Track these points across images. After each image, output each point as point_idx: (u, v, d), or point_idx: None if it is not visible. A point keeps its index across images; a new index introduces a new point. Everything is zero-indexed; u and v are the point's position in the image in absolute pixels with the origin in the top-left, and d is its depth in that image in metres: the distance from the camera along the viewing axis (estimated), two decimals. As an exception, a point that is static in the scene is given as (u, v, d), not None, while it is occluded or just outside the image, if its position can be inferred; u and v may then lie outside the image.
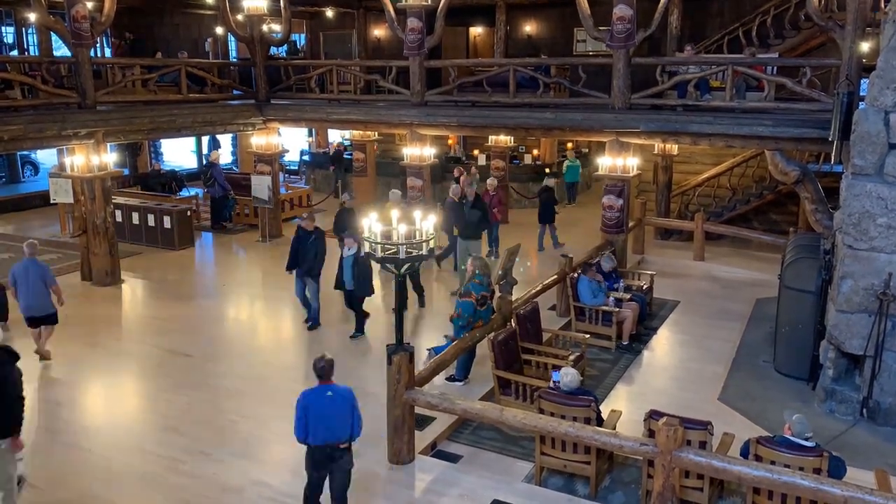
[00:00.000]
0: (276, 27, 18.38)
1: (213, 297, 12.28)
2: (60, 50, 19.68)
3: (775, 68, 11.95)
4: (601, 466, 6.59)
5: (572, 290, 10.33)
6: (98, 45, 15.78)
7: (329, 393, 5.67)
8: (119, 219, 14.89)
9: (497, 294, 9.06)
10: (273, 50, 17.38)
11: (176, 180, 19.65)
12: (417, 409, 6.98)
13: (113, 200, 13.19)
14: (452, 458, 7.15)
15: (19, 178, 23.01)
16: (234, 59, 22.36)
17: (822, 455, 5.67)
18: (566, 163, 19.91)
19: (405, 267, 6.34)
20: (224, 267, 14.54)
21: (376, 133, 18.03)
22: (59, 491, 6.55)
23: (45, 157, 24.30)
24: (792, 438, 5.80)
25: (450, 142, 20.31)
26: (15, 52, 21.01)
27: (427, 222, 6.35)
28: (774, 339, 9.29)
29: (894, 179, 7.26)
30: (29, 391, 8.51)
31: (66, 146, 12.36)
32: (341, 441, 5.69)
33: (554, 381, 6.92)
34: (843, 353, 7.84)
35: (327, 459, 5.69)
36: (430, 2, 13.38)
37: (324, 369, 5.72)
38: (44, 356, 9.26)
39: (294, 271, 10.48)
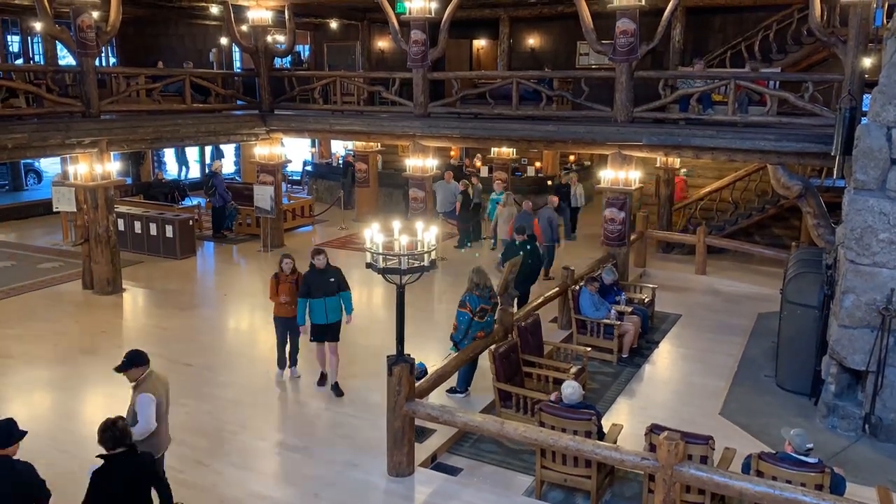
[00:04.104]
0: (281, 38, 18.48)
1: (215, 307, 12.27)
2: (65, 59, 19.81)
3: (777, 83, 11.98)
4: (602, 481, 6.55)
5: (574, 302, 10.31)
6: (103, 54, 15.83)
7: None
8: (121, 228, 14.93)
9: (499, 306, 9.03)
10: (277, 61, 17.47)
11: (178, 190, 19.71)
12: (418, 421, 6.95)
13: (115, 209, 13.23)
14: (452, 471, 7.11)
15: (22, 186, 23.07)
16: (239, 70, 22.48)
17: (824, 471, 5.64)
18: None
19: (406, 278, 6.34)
20: (225, 276, 14.54)
21: (379, 144, 18.09)
22: (55, 500, 6.51)
23: (48, 165, 24.38)
24: (794, 454, 5.77)
25: (452, 153, 20.35)
26: (20, 61, 21.11)
27: (428, 233, 6.36)
28: (776, 353, 9.27)
29: (896, 195, 7.26)
30: (30, 400, 8.54)
31: (70, 155, 12.39)
32: None
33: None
34: (845, 368, 7.80)
35: None
36: (433, 14, 13.46)
37: None
38: None
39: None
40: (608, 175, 12.37)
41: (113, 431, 4.79)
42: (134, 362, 5.70)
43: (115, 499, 4.74)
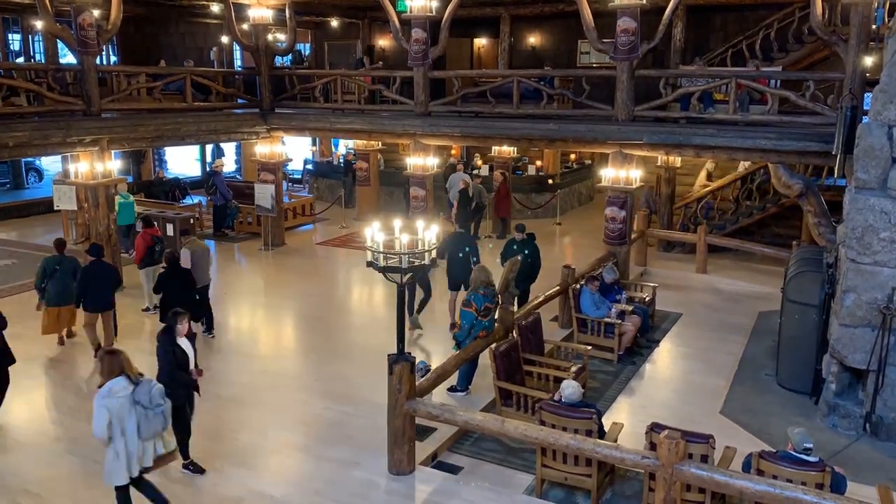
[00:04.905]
0: (281, 37, 18.50)
1: (215, 305, 12.22)
2: (66, 57, 19.80)
3: (779, 81, 11.96)
4: (602, 479, 6.56)
5: (574, 301, 10.31)
6: (103, 52, 15.81)
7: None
8: (122, 226, 14.92)
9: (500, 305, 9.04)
10: (278, 59, 17.46)
11: (179, 188, 19.72)
12: (418, 420, 6.95)
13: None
14: (453, 470, 7.11)
15: (23, 184, 23.09)
16: (239, 68, 22.48)
17: (825, 470, 5.64)
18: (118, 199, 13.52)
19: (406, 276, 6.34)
20: (226, 275, 14.51)
21: (380, 143, 18.08)
22: (58, 499, 6.54)
23: (49, 163, 24.39)
24: (794, 453, 5.77)
25: (453, 152, 20.35)
26: (21, 59, 21.12)
27: (429, 232, 6.36)
28: (777, 352, 9.26)
29: (898, 194, 7.25)
30: (31, 399, 8.55)
31: (71, 153, 12.40)
32: None
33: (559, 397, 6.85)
34: (845, 367, 7.81)
35: None
36: (434, 13, 13.45)
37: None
38: None
39: None
40: (609, 174, 12.37)
41: (164, 250, 10.07)
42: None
43: (165, 284, 9.41)
